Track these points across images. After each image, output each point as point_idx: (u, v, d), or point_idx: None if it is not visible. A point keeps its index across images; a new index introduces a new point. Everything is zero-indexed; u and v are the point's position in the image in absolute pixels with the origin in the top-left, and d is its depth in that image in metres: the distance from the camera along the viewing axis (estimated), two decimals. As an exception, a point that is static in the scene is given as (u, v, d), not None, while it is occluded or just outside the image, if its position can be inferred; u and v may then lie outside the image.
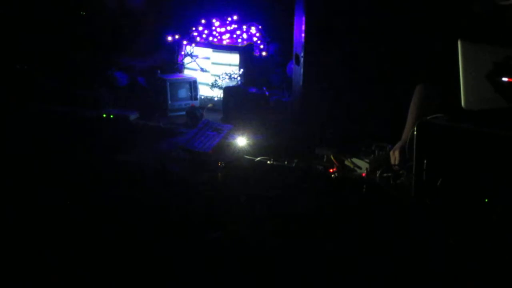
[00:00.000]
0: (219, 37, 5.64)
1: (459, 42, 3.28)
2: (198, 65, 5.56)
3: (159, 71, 5.52)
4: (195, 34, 5.66)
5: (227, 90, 5.23)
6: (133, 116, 5.19)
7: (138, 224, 3.36)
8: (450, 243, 3.00)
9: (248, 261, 3.06)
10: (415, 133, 3.30)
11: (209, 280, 2.98)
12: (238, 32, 5.65)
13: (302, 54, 4.69)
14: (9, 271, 3.06)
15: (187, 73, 5.62)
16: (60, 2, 5.94)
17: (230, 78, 5.44)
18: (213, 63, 5.56)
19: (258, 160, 4.08)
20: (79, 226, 3.37)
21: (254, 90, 5.13)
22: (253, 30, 5.67)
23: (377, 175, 3.71)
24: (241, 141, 4.27)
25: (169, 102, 5.32)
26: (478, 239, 2.95)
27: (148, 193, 3.74)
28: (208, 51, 5.59)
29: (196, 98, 5.42)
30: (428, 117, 3.35)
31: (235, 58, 5.50)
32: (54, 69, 5.67)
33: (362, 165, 3.82)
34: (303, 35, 4.65)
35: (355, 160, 3.87)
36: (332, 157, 3.92)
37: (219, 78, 5.47)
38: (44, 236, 3.30)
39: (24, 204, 3.60)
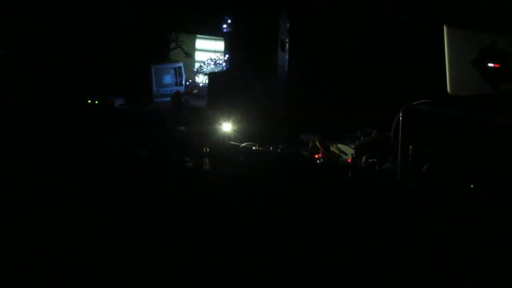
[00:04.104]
0: (204, 22, 5.60)
1: (444, 28, 3.28)
2: (184, 50, 5.55)
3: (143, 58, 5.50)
4: (180, 16, 5.62)
5: (212, 76, 5.20)
6: (118, 102, 5.16)
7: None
8: (438, 230, 3.01)
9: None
10: (400, 118, 3.31)
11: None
12: (224, 17, 5.62)
13: (287, 41, 4.68)
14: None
15: (172, 59, 5.60)
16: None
17: (215, 63, 5.41)
18: (198, 51, 5.55)
19: (243, 146, 4.07)
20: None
21: (239, 76, 5.10)
22: (239, 15, 5.63)
23: (363, 160, 3.71)
24: (227, 127, 4.26)
25: (154, 88, 5.29)
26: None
27: (138, 180, 3.73)
28: (193, 37, 5.57)
29: (181, 84, 5.40)
30: (413, 103, 3.36)
31: (220, 43, 5.48)
32: (39, 59, 5.64)
33: (347, 151, 3.82)
34: (288, 20, 4.64)
35: (340, 146, 3.86)
36: (317, 143, 3.92)
37: (204, 64, 5.46)
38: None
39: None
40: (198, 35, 5.60)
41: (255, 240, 3.19)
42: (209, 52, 5.55)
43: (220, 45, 5.51)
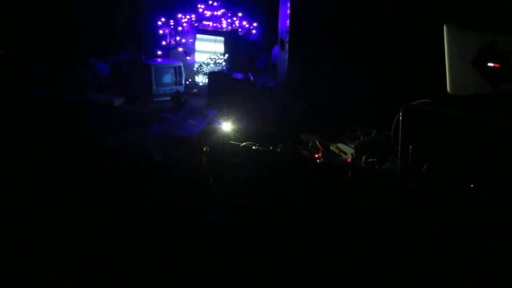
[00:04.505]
0: (204, 22, 5.61)
1: (444, 27, 3.28)
2: (184, 50, 5.56)
3: (144, 56, 5.50)
4: (180, 16, 5.64)
5: (212, 75, 5.21)
6: (118, 102, 5.17)
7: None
8: (438, 230, 3.01)
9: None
10: (400, 118, 3.31)
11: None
12: (223, 17, 5.63)
13: (287, 40, 4.68)
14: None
15: (172, 58, 5.60)
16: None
17: (215, 63, 5.42)
18: (197, 51, 5.57)
19: (243, 146, 4.07)
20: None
21: (239, 75, 5.11)
22: (238, 14, 5.65)
23: (363, 160, 3.71)
24: (226, 126, 4.26)
25: (154, 87, 5.29)
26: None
27: (137, 180, 3.74)
28: (193, 36, 5.58)
29: (181, 84, 5.40)
30: (413, 103, 3.36)
31: (220, 43, 5.49)
32: (39, 58, 5.65)
33: (347, 150, 3.82)
34: (288, 20, 4.64)
35: (340, 145, 3.86)
36: (317, 143, 3.92)
37: (204, 63, 5.47)
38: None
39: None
40: (198, 35, 5.61)
41: (255, 240, 3.19)
42: (208, 52, 5.56)
43: (219, 45, 5.52)
